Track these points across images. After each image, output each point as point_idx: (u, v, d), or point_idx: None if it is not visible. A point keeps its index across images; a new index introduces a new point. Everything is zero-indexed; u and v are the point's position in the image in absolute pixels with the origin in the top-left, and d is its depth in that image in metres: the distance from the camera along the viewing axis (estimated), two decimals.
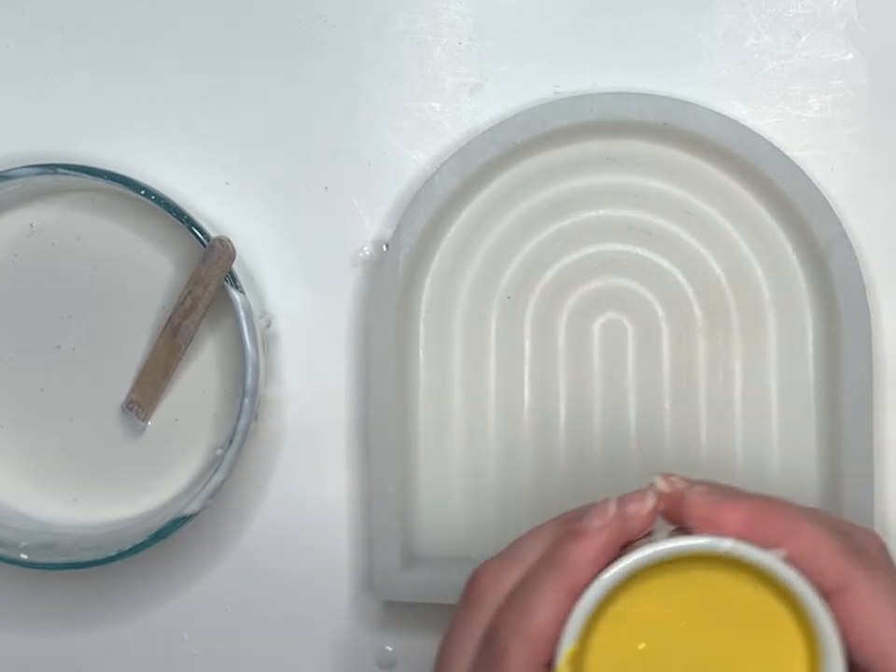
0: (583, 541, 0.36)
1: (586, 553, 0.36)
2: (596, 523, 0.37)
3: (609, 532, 0.36)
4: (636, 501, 0.37)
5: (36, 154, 0.50)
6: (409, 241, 0.49)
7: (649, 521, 0.37)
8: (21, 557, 0.47)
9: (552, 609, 0.36)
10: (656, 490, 0.38)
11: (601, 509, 0.37)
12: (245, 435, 0.46)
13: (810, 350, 0.50)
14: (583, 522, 0.37)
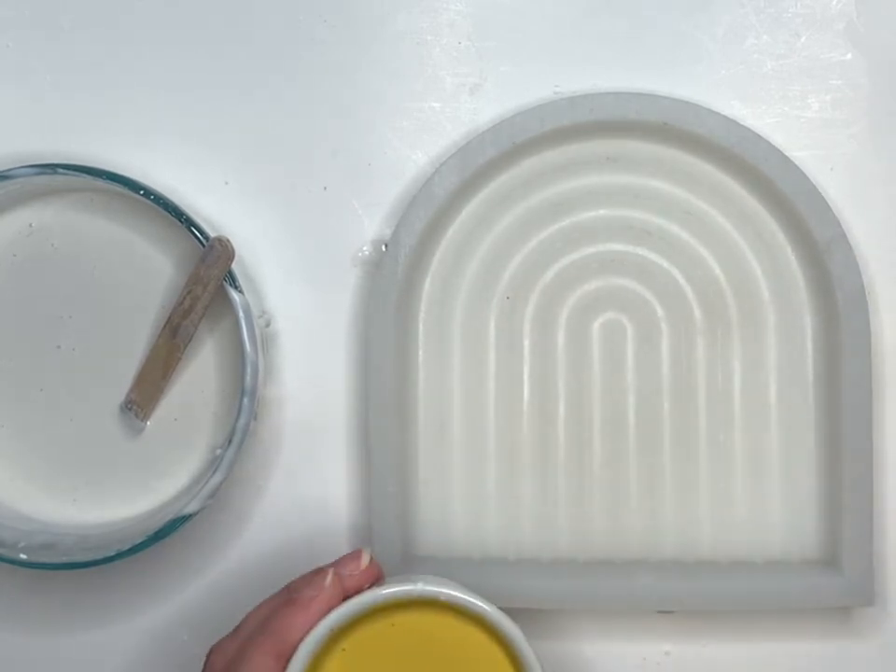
0: (295, 610, 0.39)
1: (297, 620, 0.39)
2: (310, 593, 0.40)
3: (322, 600, 0.39)
4: (352, 561, 0.41)
5: (36, 154, 0.50)
6: (408, 241, 0.49)
7: (366, 577, 0.41)
8: (20, 557, 0.47)
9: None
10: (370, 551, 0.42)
11: (317, 580, 0.40)
12: (245, 435, 0.46)
13: (810, 350, 0.50)
14: (299, 592, 0.40)
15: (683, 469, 0.50)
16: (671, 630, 0.50)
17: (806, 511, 0.50)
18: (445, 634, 0.40)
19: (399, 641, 0.40)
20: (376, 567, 0.42)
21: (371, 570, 0.42)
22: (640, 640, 0.50)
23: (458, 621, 0.40)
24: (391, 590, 0.39)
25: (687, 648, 0.50)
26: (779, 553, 0.50)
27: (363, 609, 0.40)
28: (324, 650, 0.40)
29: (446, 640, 0.40)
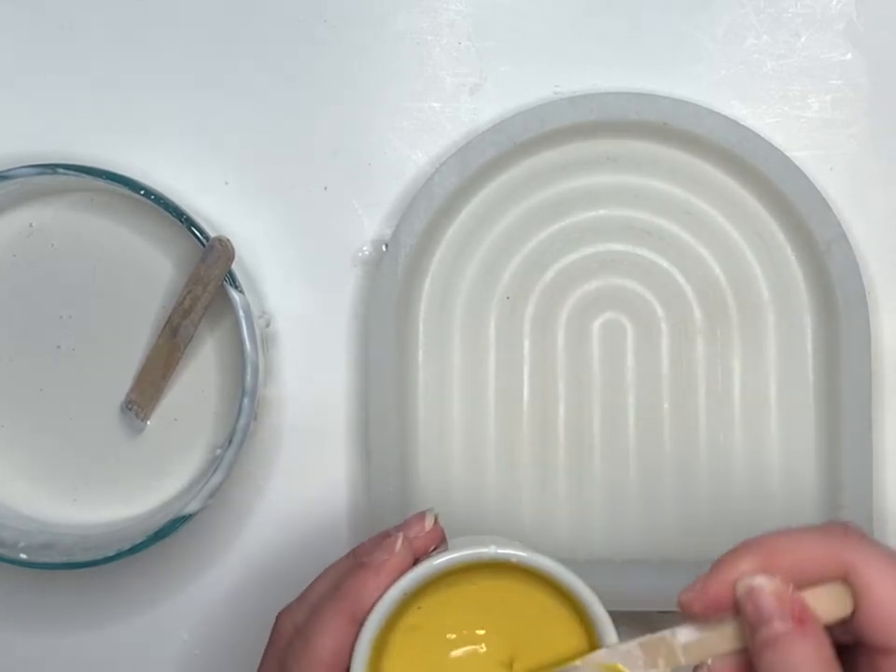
0: (367, 573, 0.39)
1: (369, 584, 0.39)
2: (381, 557, 0.39)
3: (393, 564, 0.39)
4: (418, 523, 0.41)
5: (36, 154, 0.50)
6: (408, 241, 0.49)
7: (431, 539, 0.41)
8: (20, 557, 0.47)
9: (333, 638, 0.38)
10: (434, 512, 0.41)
11: (388, 543, 0.40)
12: (245, 435, 0.46)
13: (809, 350, 0.50)
14: (370, 556, 0.40)
15: (683, 469, 0.50)
16: None
17: (806, 511, 0.50)
18: (516, 595, 0.40)
19: (470, 603, 0.40)
20: (440, 529, 0.42)
21: (435, 532, 0.41)
22: None
23: (529, 582, 0.39)
24: (464, 553, 0.39)
25: None
26: None
27: (436, 572, 0.39)
28: (395, 614, 0.39)
29: (518, 602, 0.40)
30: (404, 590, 0.39)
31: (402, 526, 0.41)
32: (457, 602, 0.40)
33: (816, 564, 0.35)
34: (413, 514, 0.42)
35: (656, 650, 0.37)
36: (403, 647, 0.40)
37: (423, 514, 0.42)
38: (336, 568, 0.42)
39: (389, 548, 0.40)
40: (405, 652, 0.40)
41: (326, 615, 0.39)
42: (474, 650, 0.40)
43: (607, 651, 0.38)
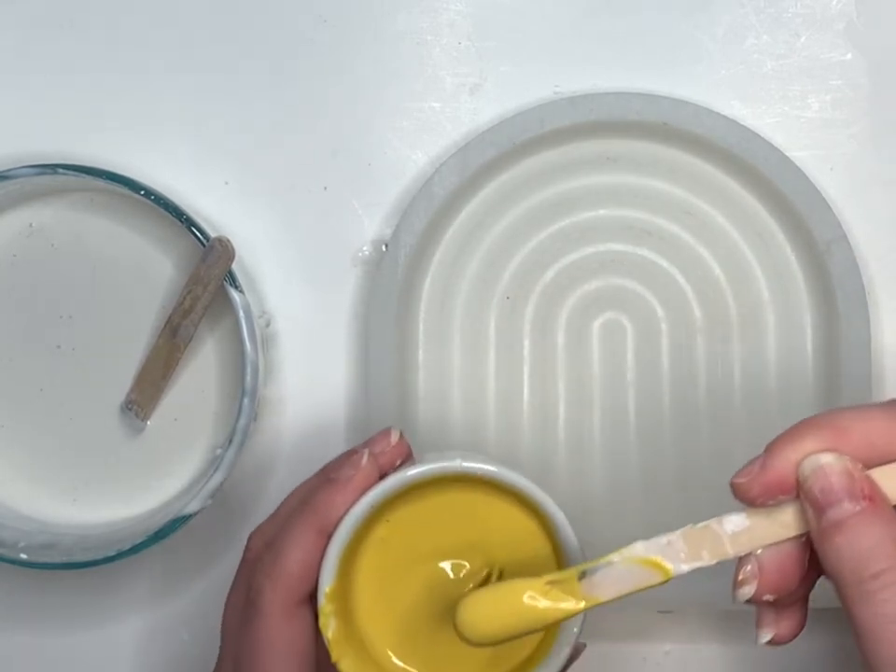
0: (335, 488, 0.39)
1: (337, 498, 0.39)
2: (348, 472, 0.40)
3: (360, 479, 0.40)
4: (383, 439, 0.42)
5: (36, 154, 0.50)
6: (408, 241, 0.49)
7: (397, 453, 0.41)
8: (21, 557, 0.47)
9: (301, 550, 0.39)
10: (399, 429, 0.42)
11: (354, 459, 0.40)
12: (245, 435, 0.46)
13: (810, 350, 0.50)
14: (337, 472, 0.40)
15: (683, 468, 0.50)
16: (671, 630, 0.50)
17: None
18: (484, 508, 0.40)
19: (438, 516, 0.40)
20: (405, 444, 0.42)
21: (400, 447, 0.42)
22: (640, 640, 0.50)
23: (496, 495, 0.40)
24: (430, 466, 0.39)
25: (687, 648, 0.50)
26: None
27: (403, 484, 0.39)
28: (364, 526, 0.39)
29: (485, 514, 0.40)
30: (371, 503, 0.39)
31: (368, 443, 0.42)
32: (425, 515, 0.40)
33: (885, 441, 0.33)
34: (379, 431, 0.42)
35: (701, 540, 0.34)
36: (372, 559, 0.40)
37: (388, 431, 0.42)
38: (305, 486, 0.42)
39: (356, 463, 0.40)
40: (374, 564, 0.40)
41: (295, 529, 0.39)
42: (442, 561, 0.40)
43: (645, 543, 0.35)
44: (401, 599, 0.40)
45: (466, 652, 0.39)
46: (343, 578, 0.39)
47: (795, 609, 0.35)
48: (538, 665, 0.39)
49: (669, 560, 0.34)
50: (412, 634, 0.40)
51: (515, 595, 0.35)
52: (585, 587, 0.35)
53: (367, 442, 0.42)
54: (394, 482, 0.39)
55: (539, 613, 0.35)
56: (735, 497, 0.34)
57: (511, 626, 0.35)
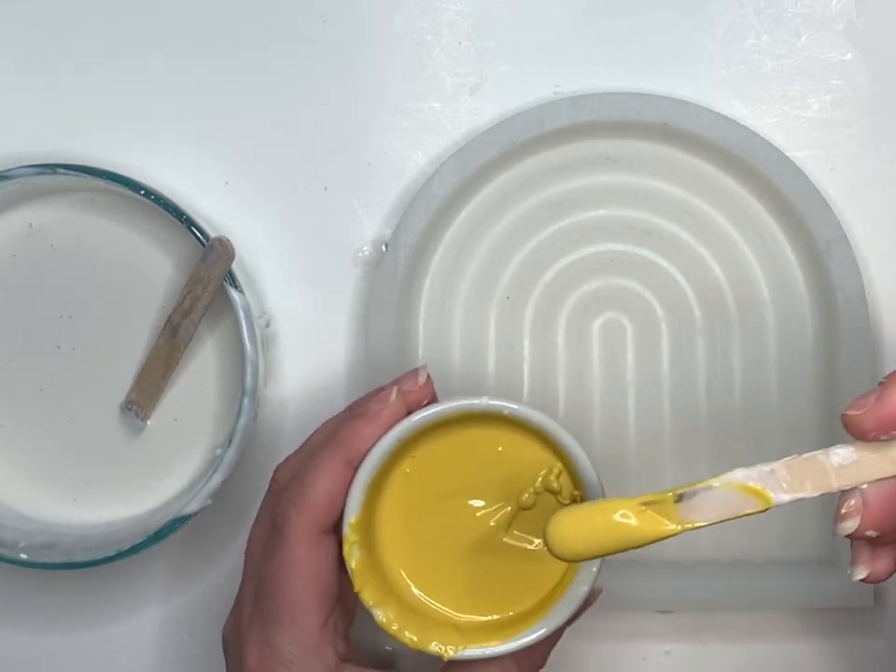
0: (363, 422, 0.40)
1: (364, 431, 0.40)
2: (376, 407, 0.41)
3: (387, 414, 0.40)
4: (411, 378, 0.42)
5: (36, 154, 0.50)
6: (408, 241, 0.49)
7: (424, 393, 0.42)
8: (21, 557, 0.47)
9: (328, 480, 0.39)
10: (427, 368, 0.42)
11: (383, 395, 0.41)
12: (245, 435, 0.46)
13: (810, 350, 0.50)
14: (365, 407, 0.41)
15: (683, 468, 0.50)
16: (671, 630, 0.50)
17: (806, 511, 0.50)
18: (507, 446, 0.41)
19: (463, 454, 0.41)
20: (432, 386, 0.43)
21: (427, 387, 0.42)
22: (640, 640, 0.50)
23: (520, 434, 0.41)
24: (457, 403, 0.40)
25: (687, 648, 0.50)
26: (779, 552, 0.50)
27: (430, 420, 0.40)
28: (390, 460, 0.40)
29: (509, 453, 0.41)
30: (398, 437, 0.40)
31: (397, 381, 0.42)
32: (450, 452, 0.41)
33: None
34: (407, 371, 0.43)
35: (805, 471, 0.33)
36: (397, 492, 0.41)
37: (416, 371, 0.43)
38: (332, 421, 0.43)
39: (384, 399, 0.41)
40: (398, 498, 0.41)
41: (321, 460, 0.40)
42: (465, 498, 0.41)
43: (746, 470, 0.34)
44: (424, 533, 0.41)
45: (485, 589, 0.40)
46: (368, 510, 0.40)
47: (893, 548, 0.35)
48: (554, 604, 0.40)
49: (770, 489, 0.34)
50: (433, 567, 0.41)
51: (607, 513, 0.35)
52: (682, 511, 0.34)
53: (396, 381, 0.42)
54: (421, 417, 0.40)
55: (632, 532, 0.34)
56: (847, 429, 0.33)
57: (601, 544, 0.35)
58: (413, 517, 0.41)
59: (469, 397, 0.40)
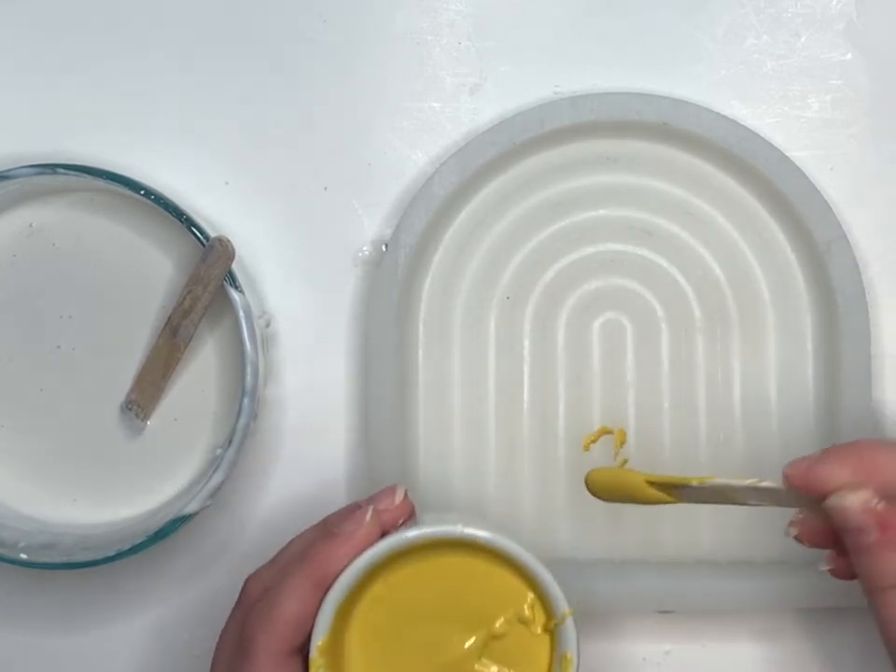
0: (336, 542, 0.40)
1: (337, 552, 0.40)
2: (350, 527, 0.40)
3: (362, 535, 0.40)
4: (388, 496, 0.42)
5: (36, 154, 0.50)
6: (408, 241, 0.49)
7: (400, 512, 0.42)
8: (21, 557, 0.47)
9: (297, 601, 0.39)
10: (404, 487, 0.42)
11: (359, 515, 0.41)
12: (245, 435, 0.46)
13: (810, 350, 0.50)
14: (340, 526, 0.40)
15: (683, 469, 0.50)
16: (671, 630, 0.50)
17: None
18: (481, 574, 0.41)
19: (436, 578, 0.41)
20: (409, 503, 0.43)
21: (404, 505, 0.42)
22: (640, 640, 0.50)
23: (493, 562, 0.40)
24: (432, 530, 0.40)
25: (687, 648, 0.50)
26: (779, 553, 0.50)
27: (403, 545, 0.40)
28: (360, 583, 0.40)
29: (482, 580, 0.41)
30: (371, 561, 0.39)
31: (373, 499, 0.42)
32: (423, 577, 0.40)
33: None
34: (384, 488, 0.43)
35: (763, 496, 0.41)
36: (367, 615, 0.40)
37: (393, 488, 0.43)
38: (306, 536, 0.42)
39: (359, 519, 0.41)
40: (368, 621, 0.40)
41: (292, 579, 0.40)
42: (436, 624, 0.41)
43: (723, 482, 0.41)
44: (394, 658, 0.40)
45: None
46: (337, 632, 0.40)
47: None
48: None
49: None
50: None
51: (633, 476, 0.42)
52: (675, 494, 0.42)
53: (371, 498, 0.42)
54: (394, 542, 0.40)
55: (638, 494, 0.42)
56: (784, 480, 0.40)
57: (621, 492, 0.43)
58: (383, 641, 0.40)
59: (444, 522, 0.40)
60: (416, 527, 0.40)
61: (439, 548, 0.40)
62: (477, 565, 0.40)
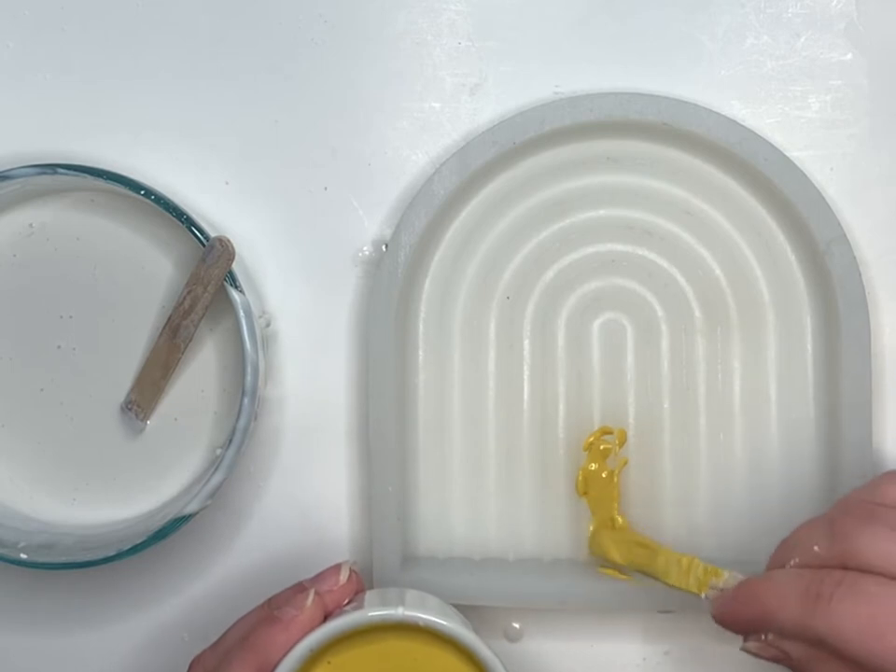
0: (276, 627, 0.40)
1: (278, 638, 0.39)
2: (291, 612, 0.40)
3: (303, 620, 0.40)
4: (332, 576, 0.42)
5: (36, 154, 0.50)
6: (409, 241, 0.49)
7: (346, 592, 0.42)
8: (20, 557, 0.47)
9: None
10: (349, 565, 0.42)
11: (299, 599, 0.41)
12: (245, 435, 0.46)
13: (809, 350, 0.50)
14: (281, 610, 0.40)
15: (683, 469, 0.50)
16: (671, 630, 0.50)
17: (806, 511, 0.50)
18: (424, 655, 0.41)
19: (380, 660, 0.41)
20: (355, 581, 0.43)
21: (350, 585, 0.43)
22: (640, 640, 0.50)
23: (437, 644, 0.41)
24: (371, 614, 0.40)
25: (687, 648, 0.50)
26: None
27: (343, 630, 0.40)
28: (303, 668, 0.40)
29: (425, 662, 0.41)
30: (311, 646, 0.40)
31: (316, 579, 0.42)
32: (367, 658, 0.40)
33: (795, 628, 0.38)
34: (330, 567, 0.43)
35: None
36: None
37: (338, 567, 0.43)
38: (249, 619, 0.42)
39: (300, 603, 0.41)
40: None
41: (233, 666, 0.40)
42: None
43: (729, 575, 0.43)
44: None
45: None
46: None
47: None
48: None
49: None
50: None
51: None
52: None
53: (315, 578, 0.42)
54: (335, 626, 0.40)
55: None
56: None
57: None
58: None
59: (386, 604, 0.40)
60: (356, 611, 0.40)
61: (384, 631, 0.40)
62: (421, 646, 0.41)
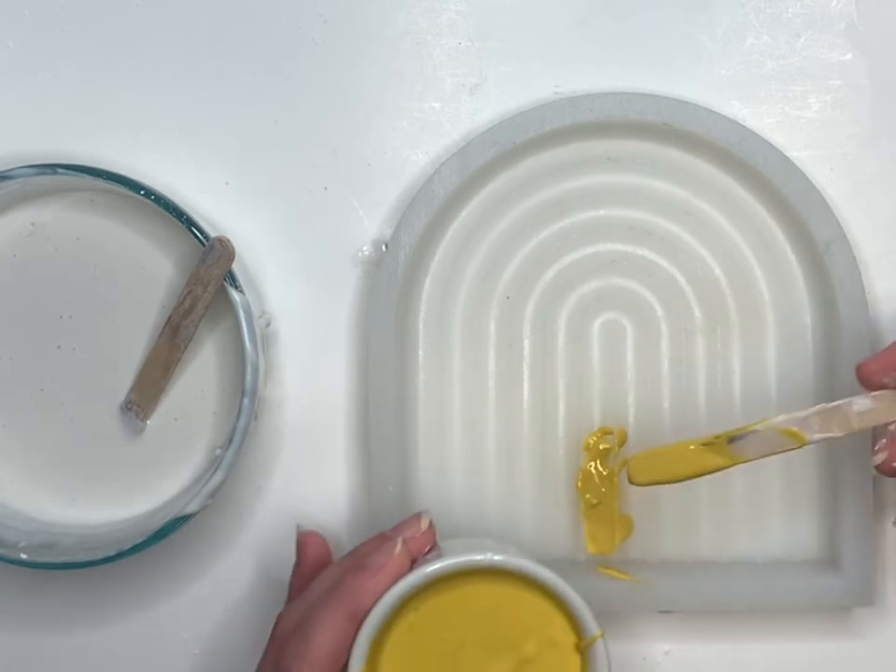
0: (366, 575, 0.40)
1: (368, 585, 0.40)
2: (380, 559, 0.41)
3: (392, 567, 0.41)
4: (413, 525, 0.43)
5: (36, 154, 0.50)
6: (409, 241, 0.49)
7: (425, 540, 0.42)
8: (21, 557, 0.47)
9: (331, 634, 0.39)
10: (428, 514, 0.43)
11: (388, 547, 0.41)
12: (245, 435, 0.46)
13: (810, 350, 0.50)
14: (369, 558, 0.41)
15: None
16: (671, 630, 0.50)
17: (806, 511, 0.50)
18: (510, 599, 0.41)
19: (466, 604, 0.41)
20: (433, 531, 0.43)
21: (430, 533, 0.43)
22: (640, 640, 0.50)
23: (523, 588, 0.41)
24: (460, 559, 0.40)
25: (687, 648, 0.50)
26: (779, 553, 0.50)
27: (433, 577, 0.40)
28: (393, 613, 0.40)
29: (511, 605, 0.41)
30: (403, 592, 0.40)
31: (399, 528, 0.43)
32: (453, 604, 0.41)
33: None
34: (410, 516, 0.43)
35: (832, 417, 0.42)
36: (400, 646, 0.41)
37: (418, 516, 0.43)
38: (335, 569, 0.43)
39: (388, 551, 0.41)
40: (402, 651, 0.41)
41: (325, 613, 0.40)
42: (469, 649, 0.41)
43: (785, 417, 0.42)
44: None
45: None
46: (372, 663, 0.40)
47: None
48: None
49: (805, 431, 0.42)
50: None
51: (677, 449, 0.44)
52: (733, 450, 0.43)
53: (398, 527, 0.43)
54: (425, 573, 0.40)
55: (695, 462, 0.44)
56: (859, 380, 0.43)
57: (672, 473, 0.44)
58: (418, 669, 0.41)
59: (473, 550, 0.41)
60: (445, 558, 0.41)
61: (468, 575, 0.41)
62: (506, 590, 0.41)
